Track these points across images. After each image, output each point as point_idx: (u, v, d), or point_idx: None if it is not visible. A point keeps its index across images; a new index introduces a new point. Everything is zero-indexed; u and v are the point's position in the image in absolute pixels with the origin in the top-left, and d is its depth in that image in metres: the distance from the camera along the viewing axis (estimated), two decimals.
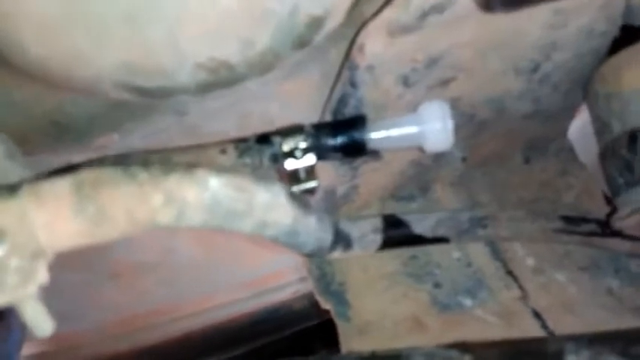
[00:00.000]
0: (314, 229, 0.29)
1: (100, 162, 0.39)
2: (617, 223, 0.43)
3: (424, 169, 0.54)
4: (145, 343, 0.69)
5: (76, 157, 0.42)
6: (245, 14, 0.28)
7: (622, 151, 0.41)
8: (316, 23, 0.31)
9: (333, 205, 0.51)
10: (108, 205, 0.21)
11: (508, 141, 0.57)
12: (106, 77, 0.28)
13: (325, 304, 0.50)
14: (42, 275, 0.20)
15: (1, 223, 0.19)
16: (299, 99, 0.46)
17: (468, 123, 0.50)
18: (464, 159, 0.55)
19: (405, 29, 0.35)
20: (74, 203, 0.20)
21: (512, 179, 0.59)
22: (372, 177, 0.51)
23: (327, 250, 0.34)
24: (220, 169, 0.40)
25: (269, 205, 0.25)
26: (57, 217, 0.20)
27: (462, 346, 0.24)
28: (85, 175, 0.21)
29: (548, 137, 0.59)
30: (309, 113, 0.47)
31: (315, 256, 0.34)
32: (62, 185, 0.20)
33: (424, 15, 0.34)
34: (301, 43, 0.32)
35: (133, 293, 0.64)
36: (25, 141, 0.39)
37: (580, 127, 0.61)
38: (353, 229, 0.40)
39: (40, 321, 0.21)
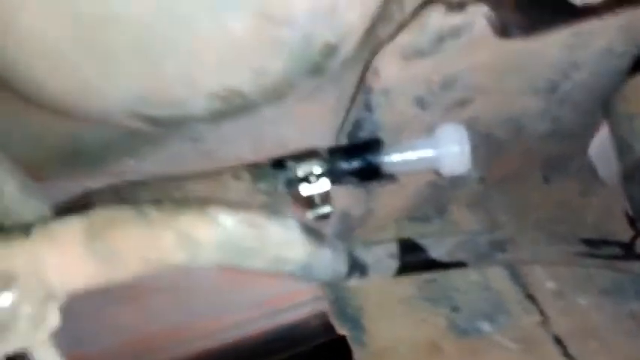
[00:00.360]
0: (329, 262, 0.28)
1: (115, 189, 0.39)
2: None
3: (441, 190, 0.53)
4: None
5: (92, 183, 0.42)
6: (257, 44, 0.28)
7: None
8: (330, 51, 0.31)
9: (348, 228, 0.50)
10: (120, 247, 0.20)
11: (526, 160, 0.56)
12: (119, 108, 0.28)
13: (341, 329, 0.50)
14: (53, 319, 0.20)
15: (12, 267, 0.19)
16: (314, 122, 0.46)
17: (486, 143, 0.49)
18: (481, 179, 0.54)
19: (420, 53, 0.35)
20: (86, 245, 0.20)
21: (531, 199, 0.58)
22: (387, 199, 0.50)
23: (342, 278, 0.33)
24: (233, 202, 0.40)
25: (283, 241, 0.24)
26: (69, 260, 0.20)
27: None
28: (97, 215, 0.21)
29: (568, 155, 0.58)
30: (325, 136, 0.47)
31: (331, 285, 0.33)
32: (74, 226, 0.20)
33: (440, 39, 0.33)
34: (316, 70, 0.32)
35: (148, 314, 0.64)
36: (40, 168, 0.39)
37: (600, 143, 0.60)
38: (368, 256, 0.39)
39: None
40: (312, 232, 0.27)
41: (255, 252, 0.23)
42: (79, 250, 0.20)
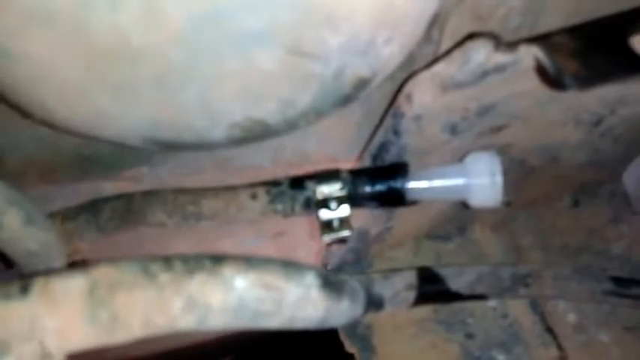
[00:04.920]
0: (346, 311, 0.26)
1: (126, 199, 0.37)
2: None
3: (464, 210, 0.51)
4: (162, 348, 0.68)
5: (107, 186, 0.41)
6: (287, 77, 0.25)
7: None
8: (362, 84, 0.28)
9: (365, 244, 0.48)
10: (123, 312, 0.19)
11: (557, 185, 0.53)
12: (134, 134, 0.26)
13: (350, 348, 0.48)
14: None
15: (8, 332, 0.17)
16: (337, 136, 0.44)
17: (518, 169, 0.46)
18: (508, 203, 0.51)
19: (459, 85, 0.32)
20: (87, 308, 0.19)
21: (559, 223, 0.56)
22: (407, 218, 0.48)
23: (357, 317, 0.32)
24: (248, 221, 0.38)
25: (299, 301, 0.23)
26: (68, 323, 0.18)
27: None
28: (101, 274, 0.19)
29: (601, 181, 0.55)
30: (347, 150, 0.45)
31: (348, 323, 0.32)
32: (75, 287, 0.19)
33: (484, 74, 0.30)
34: (345, 101, 0.29)
35: None
36: (52, 172, 0.38)
37: (635, 170, 0.57)
38: (386, 289, 0.37)
39: None
40: (332, 284, 0.25)
41: (269, 314, 0.22)
42: (80, 313, 0.18)
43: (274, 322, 0.22)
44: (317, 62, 0.25)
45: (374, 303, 0.35)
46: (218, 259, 0.21)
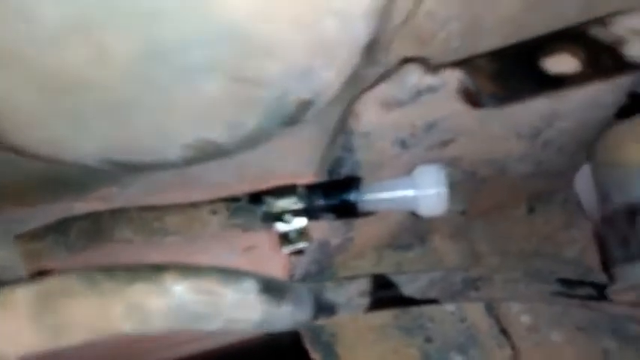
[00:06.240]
0: (289, 315, 0.29)
1: (95, 218, 0.39)
2: (612, 296, 0.42)
3: (422, 221, 0.53)
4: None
5: (76, 207, 0.42)
6: (232, 103, 0.28)
7: (620, 224, 0.40)
8: (306, 106, 0.31)
9: (326, 256, 0.51)
10: (68, 318, 0.21)
11: (511, 194, 0.56)
12: (90, 158, 0.28)
13: (314, 354, 0.50)
14: None
15: None
16: (298, 153, 0.46)
17: (469, 180, 0.49)
18: (463, 212, 0.54)
19: (399, 103, 0.35)
20: (34, 315, 0.20)
21: (515, 230, 0.58)
22: (367, 229, 0.50)
23: (307, 324, 0.34)
24: (209, 236, 0.40)
25: (237, 304, 0.25)
26: (17, 328, 0.20)
27: None
28: (48, 283, 0.21)
29: (554, 189, 0.58)
30: (308, 166, 0.47)
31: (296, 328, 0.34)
32: (25, 294, 0.21)
33: (418, 94, 0.33)
34: (291, 122, 0.32)
35: None
36: (23, 195, 0.40)
37: (586, 176, 0.60)
38: (339, 296, 0.39)
39: None
40: (272, 289, 0.27)
41: (207, 317, 0.24)
42: (27, 319, 0.20)
43: (213, 324, 0.24)
44: (260, 88, 0.27)
45: (325, 309, 0.37)
46: (159, 268, 0.23)
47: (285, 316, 0.28)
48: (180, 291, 0.23)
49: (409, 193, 0.41)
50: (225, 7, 0.22)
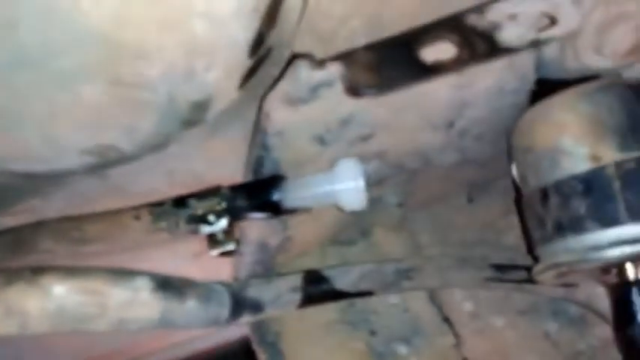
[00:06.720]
0: (194, 312, 0.29)
1: (17, 230, 0.40)
2: (535, 277, 0.43)
3: (361, 215, 0.54)
4: None
5: (3, 222, 0.43)
6: (119, 106, 0.29)
7: (536, 207, 0.42)
8: (201, 107, 0.32)
9: (267, 257, 0.51)
10: None
11: (447, 183, 0.57)
12: None
13: (261, 355, 0.51)
14: None
15: None
16: (224, 156, 0.47)
17: (399, 172, 0.50)
18: (400, 204, 0.55)
19: (302, 100, 0.36)
20: None
21: (456, 219, 0.59)
22: (304, 227, 0.51)
23: (225, 320, 0.34)
24: (130, 242, 0.41)
25: (127, 303, 0.25)
26: None
27: None
28: None
29: (491, 177, 0.59)
30: (237, 168, 0.48)
31: (214, 326, 0.35)
32: None
33: (315, 89, 0.34)
34: (190, 124, 0.33)
35: (89, 338, 0.65)
36: None
37: None
38: (265, 292, 0.40)
39: None
40: (170, 286, 0.28)
41: (93, 317, 0.24)
42: None
43: (101, 324, 0.25)
44: (143, 91, 0.28)
45: (248, 306, 0.38)
46: (39, 270, 0.24)
47: (191, 313, 0.29)
48: (60, 292, 0.23)
49: (328, 187, 0.42)
50: (85, 13, 0.23)
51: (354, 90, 0.29)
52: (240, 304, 0.36)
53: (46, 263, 0.41)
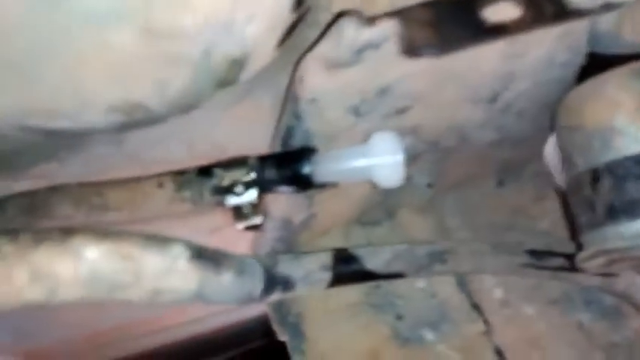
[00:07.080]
0: (229, 286, 0.27)
1: (29, 195, 0.38)
2: (581, 264, 0.41)
3: (388, 195, 0.52)
4: (114, 357, 0.68)
5: (17, 186, 0.41)
6: (151, 58, 0.26)
7: (585, 190, 0.39)
8: (237, 64, 0.29)
9: (290, 233, 0.49)
10: None
11: (479, 165, 0.55)
12: (6, 123, 0.27)
13: (282, 336, 0.49)
14: None
15: None
16: (250, 125, 0.44)
17: (432, 150, 0.48)
18: (429, 185, 0.52)
19: (342, 64, 0.33)
20: None
21: (485, 203, 0.57)
22: (330, 204, 0.49)
23: (257, 297, 0.32)
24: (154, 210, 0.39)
25: (163, 272, 0.23)
26: None
27: None
28: None
29: (523, 160, 0.57)
30: (263, 138, 0.46)
31: (247, 303, 0.32)
32: None
33: (359, 51, 0.32)
34: (224, 83, 0.30)
35: (99, 310, 0.63)
36: None
37: (555, 147, 0.58)
38: (296, 269, 0.38)
39: None
40: (206, 256, 0.25)
41: (127, 285, 0.22)
42: None
43: (135, 293, 0.22)
44: (178, 42, 0.26)
45: (279, 282, 0.35)
46: (69, 231, 0.21)
47: (227, 287, 0.27)
48: (93, 255, 0.21)
49: (364, 162, 0.39)
50: None
51: (412, 49, 0.27)
52: (272, 281, 0.34)
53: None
